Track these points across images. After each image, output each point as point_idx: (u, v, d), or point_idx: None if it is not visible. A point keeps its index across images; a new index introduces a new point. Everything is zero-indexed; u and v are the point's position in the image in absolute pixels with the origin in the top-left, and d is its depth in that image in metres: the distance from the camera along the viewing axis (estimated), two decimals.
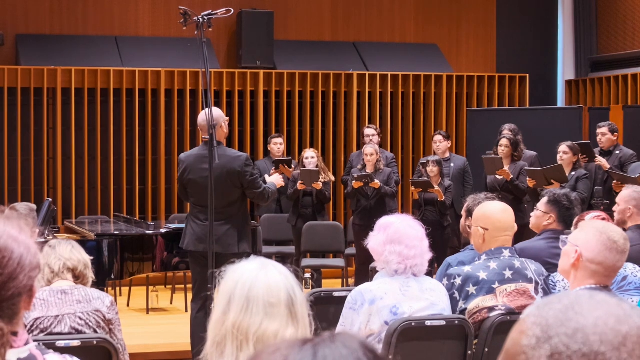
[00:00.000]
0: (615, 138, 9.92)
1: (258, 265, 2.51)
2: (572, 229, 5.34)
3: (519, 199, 9.27)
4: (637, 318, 1.23)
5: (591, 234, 3.54)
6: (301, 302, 2.47)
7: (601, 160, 9.63)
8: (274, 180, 7.15)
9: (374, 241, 4.28)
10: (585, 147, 9.66)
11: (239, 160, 6.73)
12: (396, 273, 4.25)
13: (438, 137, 10.39)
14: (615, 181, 8.98)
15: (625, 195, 6.00)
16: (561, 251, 3.69)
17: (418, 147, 12.33)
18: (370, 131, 10.31)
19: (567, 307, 1.24)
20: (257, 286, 2.44)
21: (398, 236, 4.21)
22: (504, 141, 9.49)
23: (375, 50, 12.57)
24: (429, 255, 4.29)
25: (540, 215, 5.64)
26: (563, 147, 9.12)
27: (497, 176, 9.37)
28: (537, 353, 1.22)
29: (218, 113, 6.76)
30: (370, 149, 9.77)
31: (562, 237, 3.80)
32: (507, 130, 9.82)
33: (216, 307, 2.49)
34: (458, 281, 4.48)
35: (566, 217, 5.57)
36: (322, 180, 9.86)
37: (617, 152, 9.85)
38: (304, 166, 9.90)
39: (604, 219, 5.51)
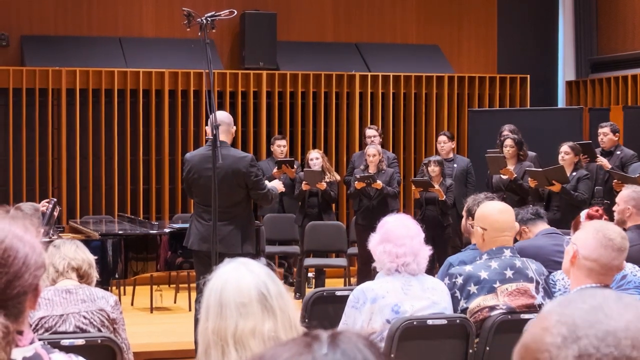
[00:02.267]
0: (617, 138, 9.96)
1: (230, 268, 2.55)
2: (571, 231, 5.40)
3: (524, 199, 9.29)
4: None
5: (589, 232, 3.59)
6: (276, 295, 2.50)
7: (602, 160, 9.66)
8: (275, 185, 7.18)
9: (371, 242, 4.34)
10: (586, 147, 9.69)
11: (244, 160, 6.76)
12: (391, 272, 4.28)
13: (442, 138, 10.43)
14: (615, 180, 9.01)
15: (625, 195, 6.02)
16: (562, 248, 3.76)
17: (419, 148, 12.37)
18: (371, 132, 10.35)
19: (595, 308, 1.21)
20: (227, 289, 2.49)
21: (388, 235, 4.26)
22: (508, 141, 9.52)
23: (377, 51, 12.60)
24: (424, 253, 4.31)
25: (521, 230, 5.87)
26: (564, 147, 9.13)
27: (502, 175, 9.40)
28: (562, 353, 1.18)
29: (229, 117, 6.90)
30: (373, 150, 9.80)
31: (567, 237, 3.85)
32: (507, 131, 9.85)
33: (201, 316, 2.54)
34: (459, 280, 4.51)
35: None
36: (327, 180, 9.92)
37: (618, 152, 9.88)
38: (309, 167, 9.95)
39: (597, 210, 5.56)
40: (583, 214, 5.60)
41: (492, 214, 4.67)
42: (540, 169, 9.05)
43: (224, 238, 6.63)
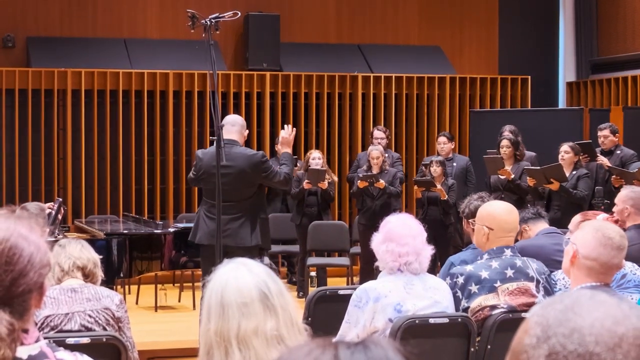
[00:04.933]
0: (617, 139, 10.00)
1: (229, 269, 2.57)
2: (571, 227, 5.44)
3: (523, 198, 9.34)
4: (635, 319, 1.23)
5: (588, 232, 3.63)
6: (277, 294, 2.52)
7: (602, 159, 9.71)
8: (285, 147, 7.17)
9: (374, 241, 4.37)
10: (587, 146, 9.73)
11: (254, 158, 6.87)
12: (393, 271, 4.30)
13: (442, 139, 10.47)
14: (614, 176, 9.06)
15: (623, 195, 6.08)
16: (563, 247, 3.79)
17: (422, 148, 12.42)
18: (379, 134, 10.29)
19: (567, 307, 1.24)
20: (228, 290, 2.50)
21: (390, 234, 4.27)
22: (504, 142, 9.58)
23: (380, 53, 12.65)
24: (426, 252, 4.32)
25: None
26: (564, 147, 9.20)
27: (500, 176, 9.46)
28: (536, 352, 1.23)
29: (242, 120, 7.10)
30: (377, 153, 9.79)
31: (566, 237, 3.89)
32: (507, 131, 9.89)
33: (202, 318, 2.56)
34: (460, 280, 4.52)
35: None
36: (328, 180, 9.96)
37: (618, 152, 9.91)
38: (309, 166, 9.99)
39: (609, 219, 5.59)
40: (600, 217, 5.61)
41: (500, 214, 4.66)
42: (539, 167, 9.10)
43: (234, 232, 6.71)
